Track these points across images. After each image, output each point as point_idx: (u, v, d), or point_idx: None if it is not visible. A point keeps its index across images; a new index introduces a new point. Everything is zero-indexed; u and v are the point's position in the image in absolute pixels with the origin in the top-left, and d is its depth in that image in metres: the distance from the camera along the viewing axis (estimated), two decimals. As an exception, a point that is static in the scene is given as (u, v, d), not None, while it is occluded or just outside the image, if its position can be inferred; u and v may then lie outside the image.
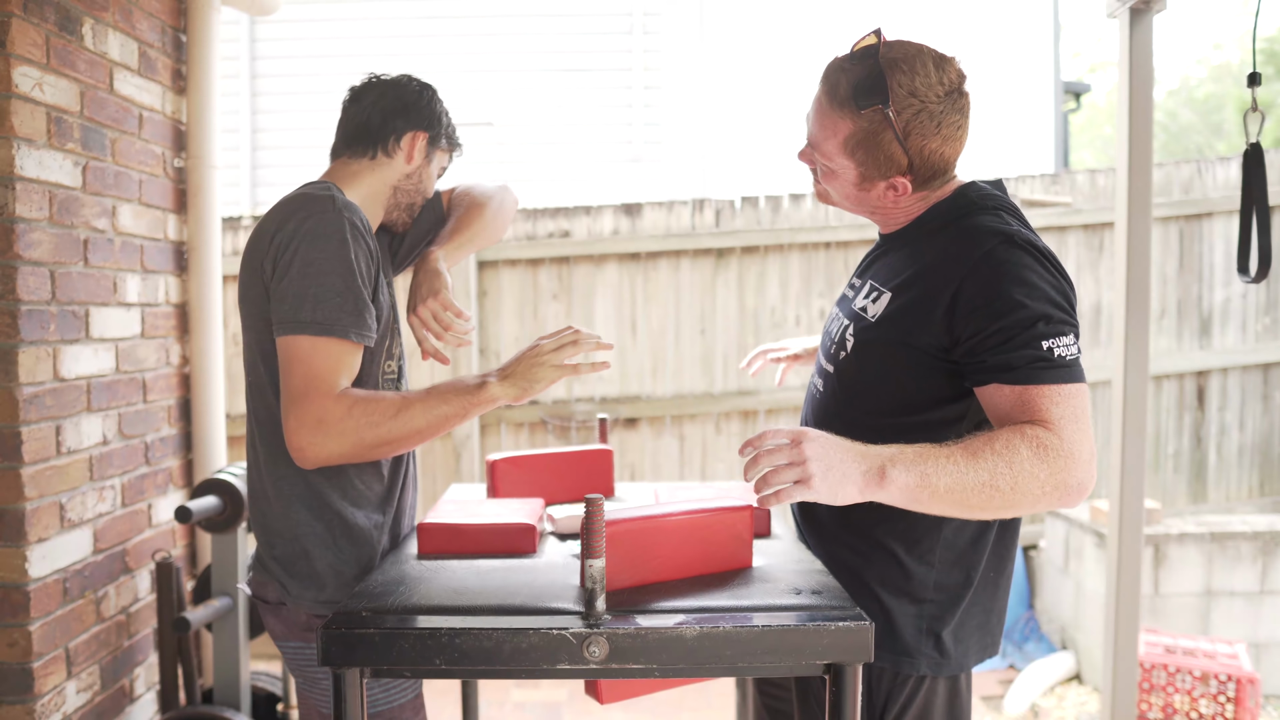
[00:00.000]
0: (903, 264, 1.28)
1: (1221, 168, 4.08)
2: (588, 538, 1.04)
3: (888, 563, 1.26)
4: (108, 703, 2.16)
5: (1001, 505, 1.09)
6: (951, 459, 1.07)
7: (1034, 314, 1.12)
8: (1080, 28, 20.67)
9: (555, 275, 3.98)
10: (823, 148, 1.28)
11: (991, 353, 1.13)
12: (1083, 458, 1.09)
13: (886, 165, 1.24)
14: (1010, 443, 1.08)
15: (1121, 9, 2.01)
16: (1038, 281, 1.14)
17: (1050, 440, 1.08)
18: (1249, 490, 4.17)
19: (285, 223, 1.29)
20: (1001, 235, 1.18)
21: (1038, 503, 1.10)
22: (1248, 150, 1.71)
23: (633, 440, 4.00)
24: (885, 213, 1.33)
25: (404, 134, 1.47)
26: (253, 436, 1.39)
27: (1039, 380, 1.11)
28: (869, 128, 1.22)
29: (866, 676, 1.25)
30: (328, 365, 1.24)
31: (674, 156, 6.14)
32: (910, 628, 1.25)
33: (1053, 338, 1.11)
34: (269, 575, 1.38)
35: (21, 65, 1.84)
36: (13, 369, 1.85)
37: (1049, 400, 1.10)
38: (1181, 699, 2.83)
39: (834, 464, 1.05)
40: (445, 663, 1.01)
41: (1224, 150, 14.31)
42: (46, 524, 1.94)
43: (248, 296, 1.36)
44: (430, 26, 6.09)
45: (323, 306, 1.24)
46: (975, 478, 1.06)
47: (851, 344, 1.28)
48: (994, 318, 1.13)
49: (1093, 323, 4.09)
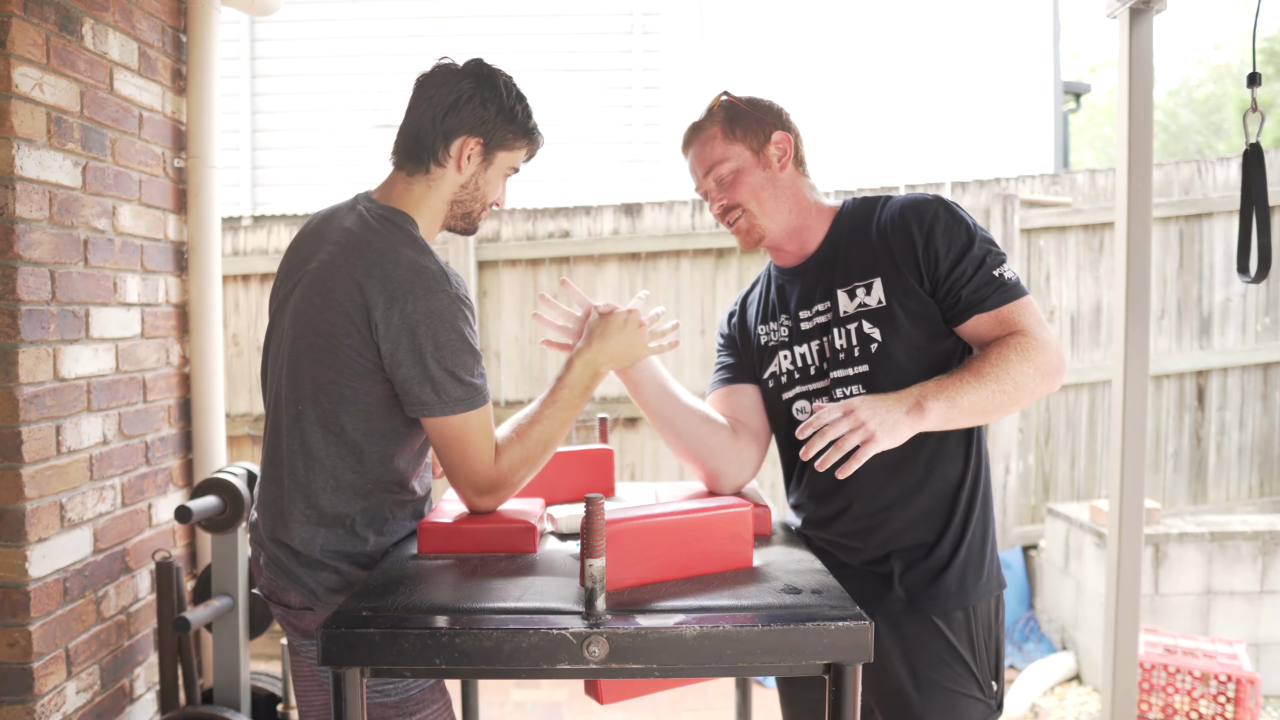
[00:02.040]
0: (856, 258, 1.43)
1: (1221, 168, 4.08)
2: (588, 537, 1.04)
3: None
4: (108, 703, 2.16)
5: (1011, 403, 1.31)
6: (965, 380, 1.29)
7: (981, 251, 1.37)
8: (1080, 28, 20.68)
9: (555, 275, 3.98)
10: (713, 155, 1.46)
11: (965, 291, 1.36)
12: (1053, 346, 1.34)
13: (759, 129, 1.46)
14: (1002, 354, 1.31)
15: (1121, 9, 2.01)
16: (971, 224, 1.39)
17: (1027, 342, 1.33)
18: (1249, 490, 4.17)
19: (403, 301, 1.27)
20: (934, 197, 1.41)
21: (1035, 391, 1.33)
22: (1248, 150, 1.71)
23: (633, 440, 4.00)
24: (799, 211, 1.48)
25: (454, 139, 1.38)
26: (299, 451, 1.35)
27: (1007, 301, 1.35)
28: (728, 114, 1.46)
29: (978, 620, 1.43)
30: (480, 436, 1.33)
31: (674, 156, 6.14)
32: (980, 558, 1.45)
33: (999, 265, 1.36)
34: (292, 581, 1.37)
35: (21, 65, 1.84)
36: (13, 369, 1.85)
37: (1017, 314, 1.35)
38: (1181, 699, 2.83)
39: (884, 416, 1.23)
40: (445, 663, 1.01)
41: (1224, 150, 14.31)
42: (47, 524, 1.94)
43: (323, 331, 1.32)
44: (430, 26, 6.09)
45: (462, 385, 1.31)
46: (987, 388, 1.29)
47: (879, 332, 1.39)
48: (958, 260, 1.36)
49: (1093, 323, 4.09)
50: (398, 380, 1.31)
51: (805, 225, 1.49)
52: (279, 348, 1.41)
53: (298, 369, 1.35)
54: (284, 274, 1.44)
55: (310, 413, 1.34)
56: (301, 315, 1.35)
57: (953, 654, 1.39)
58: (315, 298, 1.33)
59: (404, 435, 1.38)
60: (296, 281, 1.39)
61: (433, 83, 1.39)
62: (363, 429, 1.34)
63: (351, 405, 1.33)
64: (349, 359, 1.31)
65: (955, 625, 1.40)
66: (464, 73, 1.39)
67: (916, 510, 1.41)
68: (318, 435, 1.34)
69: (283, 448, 1.38)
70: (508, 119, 1.40)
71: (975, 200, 4.02)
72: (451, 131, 1.37)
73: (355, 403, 1.33)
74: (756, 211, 1.47)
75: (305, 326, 1.34)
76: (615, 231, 4.01)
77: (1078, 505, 3.75)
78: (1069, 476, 4.12)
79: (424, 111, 1.38)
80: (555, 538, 1.43)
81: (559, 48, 6.01)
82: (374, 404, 1.34)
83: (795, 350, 1.49)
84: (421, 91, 1.40)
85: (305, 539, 1.35)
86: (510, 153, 1.43)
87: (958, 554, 1.40)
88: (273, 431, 1.41)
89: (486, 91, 1.38)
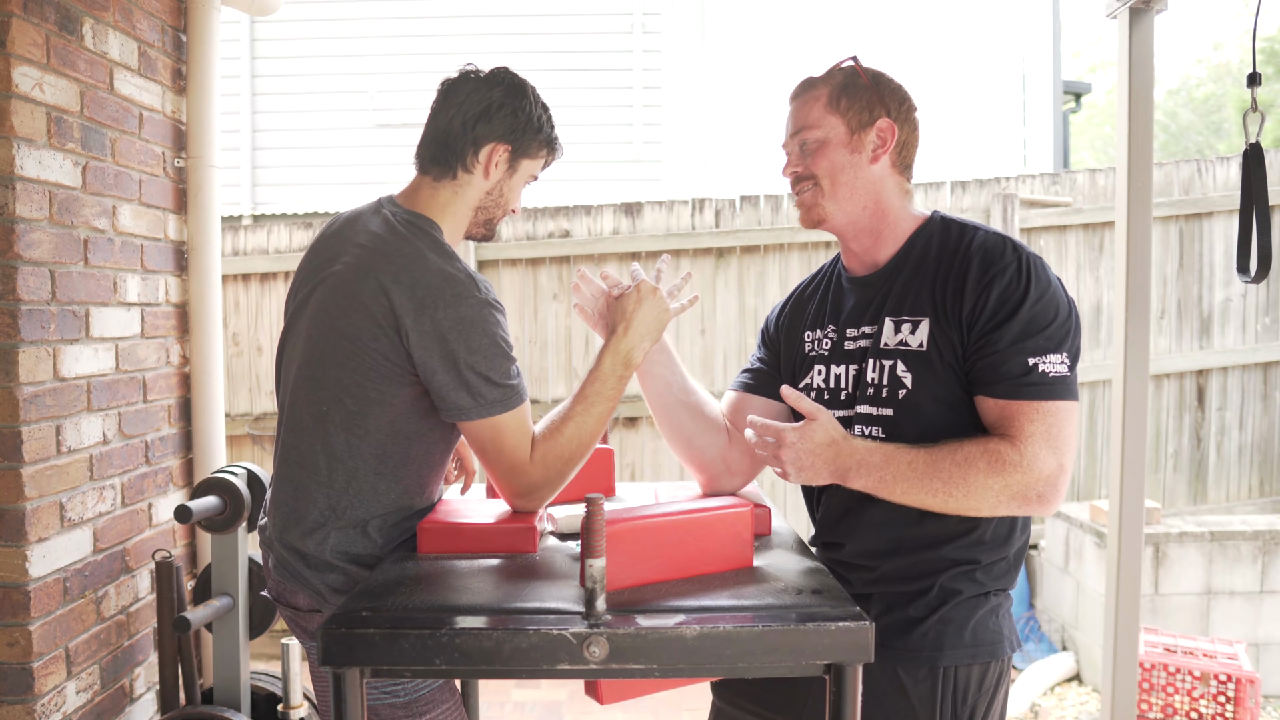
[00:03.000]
0: (914, 288, 1.31)
1: (1221, 168, 4.08)
2: (588, 537, 1.04)
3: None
4: (108, 702, 2.16)
5: (958, 508, 1.20)
6: (913, 467, 1.20)
7: (1029, 327, 1.19)
8: (1080, 28, 20.66)
9: (555, 275, 3.98)
10: (809, 118, 1.35)
11: (984, 364, 1.21)
12: (1043, 472, 1.17)
13: (868, 109, 1.33)
14: (970, 456, 1.18)
15: (1121, 9, 2.01)
16: (1040, 292, 1.20)
17: (1009, 455, 1.17)
18: (1249, 490, 4.17)
19: (432, 309, 1.28)
20: (1013, 246, 1.25)
21: (998, 509, 1.20)
22: (1248, 150, 1.71)
23: (633, 440, 4.00)
24: (874, 211, 1.35)
25: (483, 146, 1.40)
26: (321, 452, 1.35)
27: (1020, 397, 1.19)
28: (844, 82, 1.34)
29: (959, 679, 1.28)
30: (518, 437, 1.34)
31: (674, 156, 6.14)
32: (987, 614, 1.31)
33: (1043, 354, 1.19)
34: (300, 583, 1.36)
35: (21, 65, 1.84)
36: (13, 369, 1.85)
37: (1025, 418, 1.18)
38: (1181, 699, 2.82)
39: (805, 464, 1.23)
40: (445, 663, 1.01)
41: (1224, 150, 14.30)
42: (47, 524, 1.94)
43: (348, 334, 1.32)
44: (430, 26, 6.09)
45: (498, 387, 1.32)
46: (930, 488, 1.19)
47: (911, 379, 1.27)
48: (997, 326, 1.20)
49: (1093, 323, 4.09)
50: (433, 387, 1.31)
51: (878, 230, 1.36)
52: (295, 347, 1.40)
53: (321, 370, 1.34)
54: (304, 274, 1.44)
55: (334, 414, 1.34)
56: (324, 317, 1.35)
57: (908, 712, 1.25)
58: (340, 300, 1.33)
59: (428, 440, 1.38)
60: (318, 282, 1.39)
61: (462, 89, 1.41)
62: (387, 430, 1.34)
63: (377, 407, 1.33)
64: (375, 362, 1.31)
65: (919, 683, 1.26)
66: (494, 81, 1.41)
67: (909, 563, 1.29)
68: (341, 438, 1.34)
69: (301, 448, 1.37)
70: (535, 128, 1.43)
71: (975, 200, 4.02)
72: (481, 138, 1.40)
73: (381, 404, 1.33)
74: (827, 190, 1.34)
75: (329, 329, 1.34)
76: (615, 231, 4.01)
77: (1078, 505, 3.75)
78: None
79: (453, 117, 1.39)
80: (555, 538, 1.43)
81: (559, 48, 6.01)
82: (400, 407, 1.34)
83: (831, 370, 1.39)
84: (449, 97, 1.41)
85: (319, 540, 1.35)
86: (533, 160, 1.47)
87: (938, 611, 1.27)
88: (290, 432, 1.39)
89: (517, 100, 1.41)
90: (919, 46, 6.70)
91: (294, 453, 1.38)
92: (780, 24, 6.75)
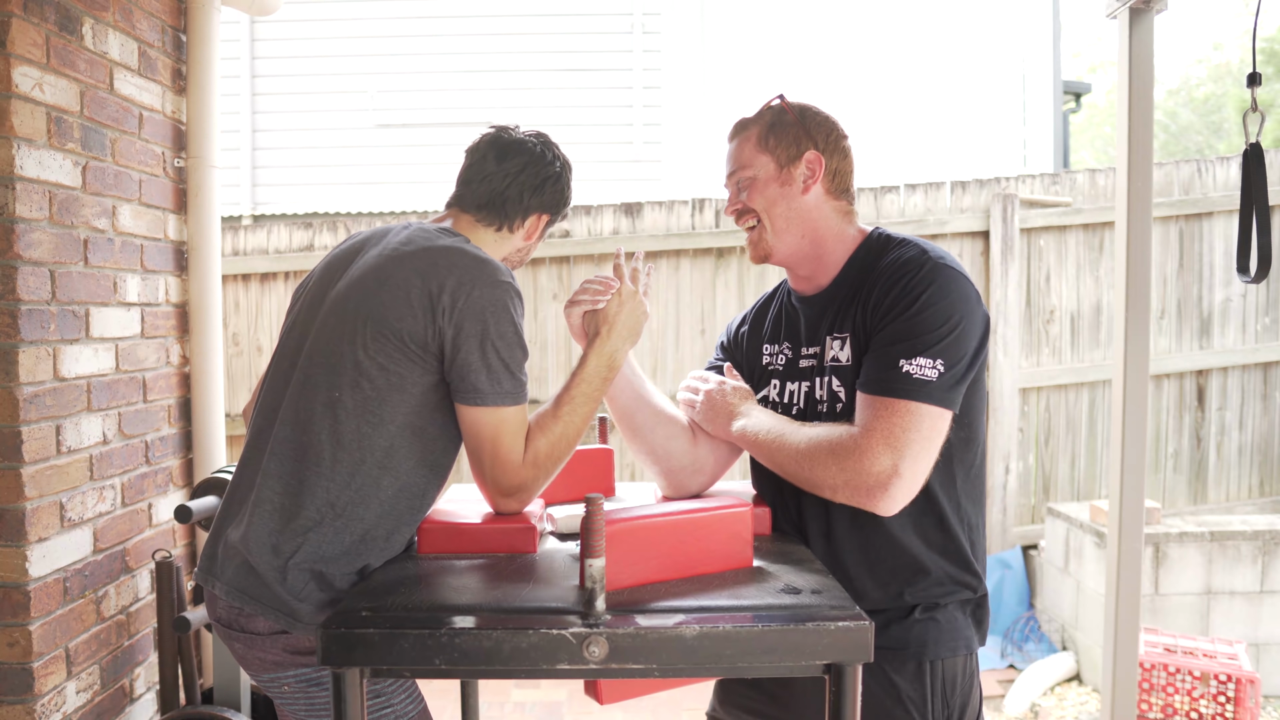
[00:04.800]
0: (845, 306, 1.36)
1: (1221, 168, 4.08)
2: (588, 537, 1.04)
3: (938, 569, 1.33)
4: (108, 702, 2.16)
5: (807, 485, 1.29)
6: (781, 435, 1.31)
7: (911, 330, 1.22)
8: (1080, 28, 20.67)
9: (555, 275, 3.98)
10: (741, 158, 1.42)
11: (864, 365, 1.27)
12: (873, 469, 1.19)
13: (795, 144, 1.39)
14: (819, 436, 1.26)
15: (1121, 9, 2.01)
16: (931, 299, 1.23)
17: (847, 443, 1.22)
18: (1249, 490, 4.18)
19: (470, 286, 1.32)
20: (928, 262, 1.27)
21: (836, 494, 1.25)
22: (1248, 150, 1.71)
23: (633, 440, 4.00)
24: (813, 239, 1.40)
25: (531, 215, 1.53)
26: (329, 441, 1.31)
27: (883, 394, 1.22)
28: (771, 120, 1.41)
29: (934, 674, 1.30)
30: (515, 435, 1.35)
31: (674, 156, 6.14)
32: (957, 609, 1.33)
33: (916, 356, 1.21)
34: (262, 605, 1.29)
35: (21, 65, 1.84)
36: (13, 369, 1.85)
37: (885, 414, 1.21)
38: (1181, 699, 2.83)
39: (713, 414, 1.44)
40: (445, 663, 1.01)
41: (1224, 150, 14.31)
42: (46, 524, 1.94)
43: (375, 315, 1.32)
44: (430, 26, 6.10)
45: (513, 379, 1.35)
46: (787, 455, 1.29)
47: (844, 392, 1.32)
48: (883, 329, 1.26)
49: (1093, 323, 4.09)
50: (456, 363, 1.32)
51: (819, 255, 1.41)
52: (302, 342, 1.38)
53: (338, 356, 1.32)
54: (323, 273, 1.45)
55: (349, 400, 1.31)
56: (348, 303, 1.35)
57: (901, 710, 1.28)
58: (369, 284, 1.35)
59: (439, 442, 1.38)
60: (339, 276, 1.40)
61: (518, 156, 1.51)
62: (400, 422, 1.32)
63: (396, 394, 1.31)
64: (401, 344, 1.31)
65: (906, 676, 1.28)
66: (551, 157, 1.54)
67: (884, 572, 1.31)
68: (353, 424, 1.31)
69: (302, 440, 1.32)
70: (569, 200, 1.60)
71: (975, 200, 4.02)
72: (532, 208, 1.53)
73: (400, 391, 1.32)
74: (769, 226, 1.40)
75: (353, 314, 1.33)
76: (615, 231, 4.01)
77: (1078, 505, 3.75)
78: (1069, 476, 4.12)
79: (509, 185, 1.49)
80: (555, 538, 1.43)
81: (559, 48, 6.01)
82: (416, 396, 1.33)
83: (786, 386, 1.44)
84: (504, 160, 1.50)
85: (295, 543, 1.29)
86: (557, 223, 1.63)
87: (918, 609, 1.30)
88: (288, 426, 1.34)
89: (566, 175, 1.57)
90: (919, 47, 6.70)
91: (289, 446, 1.33)
92: (780, 24, 6.75)
